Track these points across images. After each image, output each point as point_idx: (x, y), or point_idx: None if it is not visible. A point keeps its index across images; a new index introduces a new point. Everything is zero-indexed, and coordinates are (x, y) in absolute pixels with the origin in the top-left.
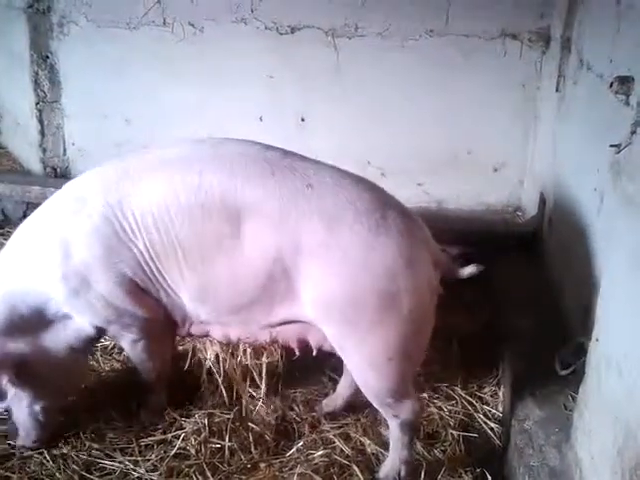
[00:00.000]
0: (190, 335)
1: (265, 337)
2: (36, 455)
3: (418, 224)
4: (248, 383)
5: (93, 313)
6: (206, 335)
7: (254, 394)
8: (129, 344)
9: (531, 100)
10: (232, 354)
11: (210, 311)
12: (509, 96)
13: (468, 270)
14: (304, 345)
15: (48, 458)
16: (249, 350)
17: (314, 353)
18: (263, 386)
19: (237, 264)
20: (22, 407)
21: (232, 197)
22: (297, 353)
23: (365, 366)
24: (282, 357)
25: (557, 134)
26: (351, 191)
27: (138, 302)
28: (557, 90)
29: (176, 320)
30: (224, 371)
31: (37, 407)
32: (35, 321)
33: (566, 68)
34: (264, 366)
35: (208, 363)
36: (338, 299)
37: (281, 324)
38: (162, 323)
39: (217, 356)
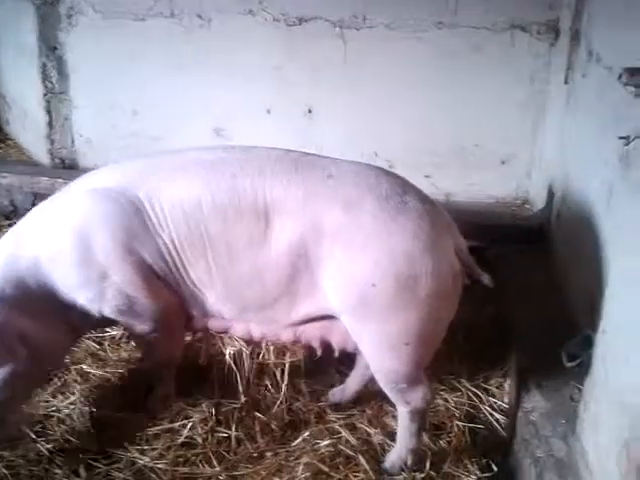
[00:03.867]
0: (206, 330)
1: (288, 336)
2: (42, 442)
3: (439, 210)
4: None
5: (104, 302)
6: (225, 332)
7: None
8: (140, 335)
9: (539, 92)
10: (252, 351)
11: (234, 308)
12: (517, 88)
13: (485, 278)
14: (326, 346)
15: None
16: (271, 348)
17: (336, 354)
18: (284, 385)
19: (264, 261)
20: None
21: (261, 197)
22: (319, 354)
23: (381, 350)
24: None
25: (565, 126)
26: (370, 178)
27: (153, 293)
28: (566, 82)
29: (192, 314)
30: (243, 366)
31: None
32: (43, 300)
33: (575, 60)
34: (287, 366)
35: (228, 359)
36: (357, 283)
37: (304, 322)
38: (175, 316)
39: (239, 352)
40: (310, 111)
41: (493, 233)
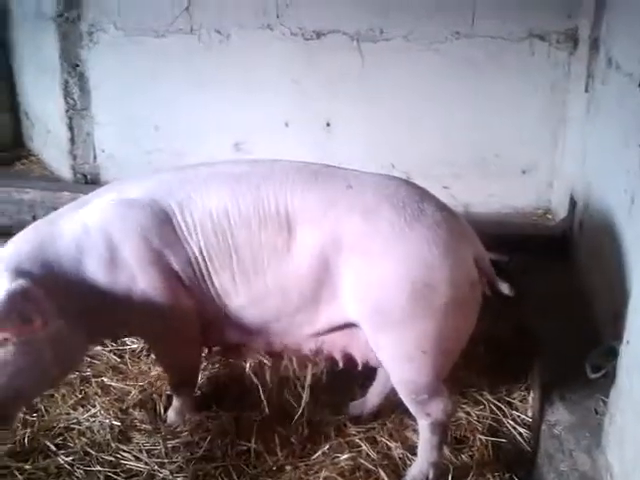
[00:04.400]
0: (224, 344)
1: (309, 346)
2: (62, 455)
3: (457, 219)
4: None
5: (129, 304)
6: (245, 343)
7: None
8: (155, 347)
9: (560, 101)
10: (273, 363)
11: (256, 317)
12: (537, 97)
13: (505, 288)
14: (348, 359)
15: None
16: (293, 360)
17: (359, 368)
18: (305, 396)
19: (287, 270)
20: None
21: (283, 207)
22: (341, 366)
23: (400, 360)
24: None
25: (586, 135)
26: (389, 188)
27: (176, 300)
28: (586, 91)
29: (212, 325)
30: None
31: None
32: (68, 296)
33: (595, 68)
34: (308, 377)
35: (248, 371)
36: (374, 290)
37: (325, 332)
38: (192, 327)
39: (259, 364)
40: (328, 124)
41: (514, 244)
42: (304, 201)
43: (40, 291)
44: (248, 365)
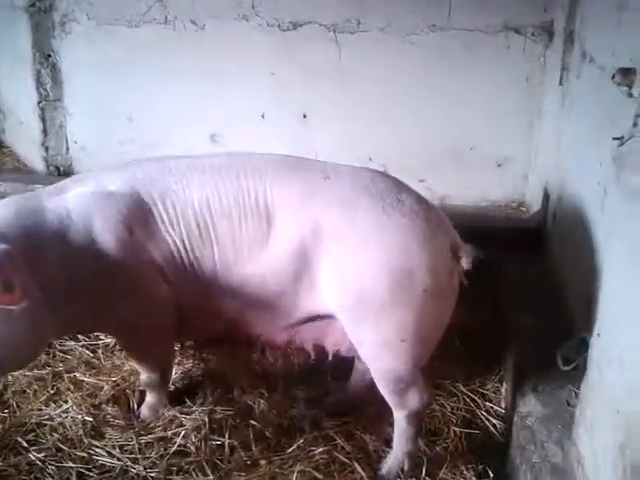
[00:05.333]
0: (202, 336)
1: (283, 337)
2: (34, 452)
3: (434, 209)
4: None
5: (109, 294)
6: (225, 334)
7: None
8: (129, 343)
9: (535, 94)
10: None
11: (236, 307)
12: (512, 90)
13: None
14: (320, 349)
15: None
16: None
17: (329, 358)
18: (278, 392)
19: (267, 261)
20: None
21: (262, 198)
22: (312, 357)
23: (378, 348)
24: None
25: (561, 128)
26: (366, 179)
27: (155, 291)
28: (560, 84)
29: (193, 315)
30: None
31: None
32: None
33: (569, 61)
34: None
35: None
36: (353, 280)
37: (301, 322)
38: (168, 321)
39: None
40: (305, 116)
41: (489, 236)
42: (282, 193)
43: (21, 262)
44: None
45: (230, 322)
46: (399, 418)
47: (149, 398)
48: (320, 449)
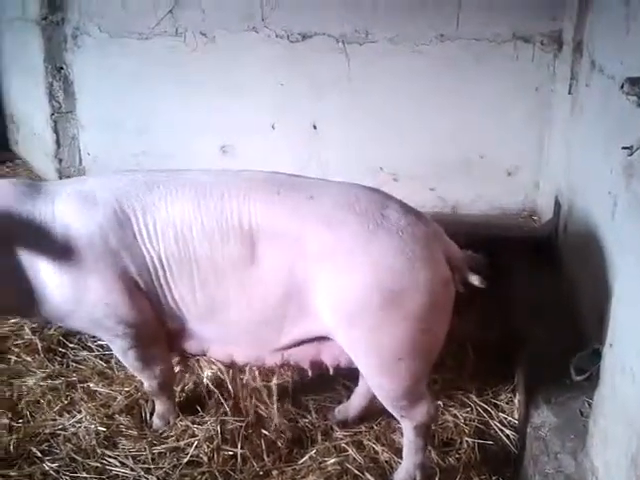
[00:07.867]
0: (184, 353)
1: (274, 360)
2: (48, 462)
3: (424, 220)
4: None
5: (81, 305)
6: (203, 354)
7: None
8: (120, 353)
9: (544, 103)
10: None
11: (217, 329)
12: (522, 99)
13: (475, 279)
14: (319, 366)
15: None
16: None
17: (331, 372)
18: (275, 407)
19: (250, 284)
20: None
21: (246, 220)
22: (310, 374)
23: (377, 368)
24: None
25: (570, 137)
26: (350, 195)
27: (131, 304)
28: (569, 93)
29: (172, 332)
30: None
31: None
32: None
33: (578, 71)
34: (274, 388)
35: (206, 380)
36: (345, 301)
37: (293, 346)
38: (152, 330)
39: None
40: (315, 126)
41: (500, 245)
42: (266, 214)
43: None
44: (206, 375)
45: (212, 343)
46: (407, 429)
47: (158, 406)
48: (332, 460)
